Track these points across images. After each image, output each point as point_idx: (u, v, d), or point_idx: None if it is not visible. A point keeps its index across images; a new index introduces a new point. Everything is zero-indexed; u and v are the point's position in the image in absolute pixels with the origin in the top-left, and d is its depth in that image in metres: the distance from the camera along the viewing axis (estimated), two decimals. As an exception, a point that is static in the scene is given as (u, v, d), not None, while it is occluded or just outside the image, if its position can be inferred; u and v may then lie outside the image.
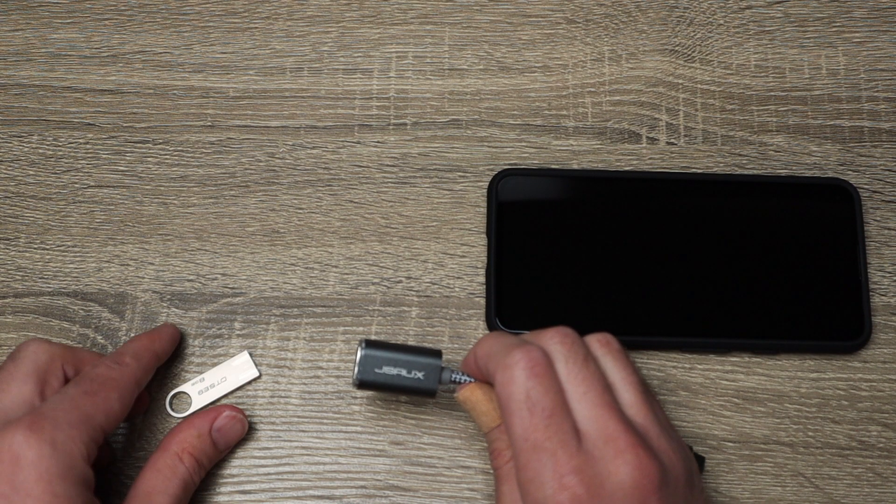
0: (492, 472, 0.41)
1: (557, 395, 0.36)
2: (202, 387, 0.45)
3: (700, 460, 0.42)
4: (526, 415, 0.36)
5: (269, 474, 0.44)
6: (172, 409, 0.45)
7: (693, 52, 0.51)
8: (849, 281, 0.46)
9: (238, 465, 0.44)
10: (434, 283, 0.47)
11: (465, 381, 0.40)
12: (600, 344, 0.39)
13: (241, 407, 0.44)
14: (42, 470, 0.36)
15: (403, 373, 0.41)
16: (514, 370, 0.37)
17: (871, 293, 0.47)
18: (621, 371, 0.38)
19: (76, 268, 0.47)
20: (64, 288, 0.47)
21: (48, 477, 0.35)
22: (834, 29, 0.52)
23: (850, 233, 0.47)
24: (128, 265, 0.47)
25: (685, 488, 0.36)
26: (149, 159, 0.49)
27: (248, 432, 0.44)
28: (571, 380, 0.37)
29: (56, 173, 0.49)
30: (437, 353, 0.41)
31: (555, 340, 0.38)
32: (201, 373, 0.45)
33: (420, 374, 0.41)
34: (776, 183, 0.48)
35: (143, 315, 0.46)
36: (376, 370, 0.40)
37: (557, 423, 0.36)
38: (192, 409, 0.45)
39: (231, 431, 0.43)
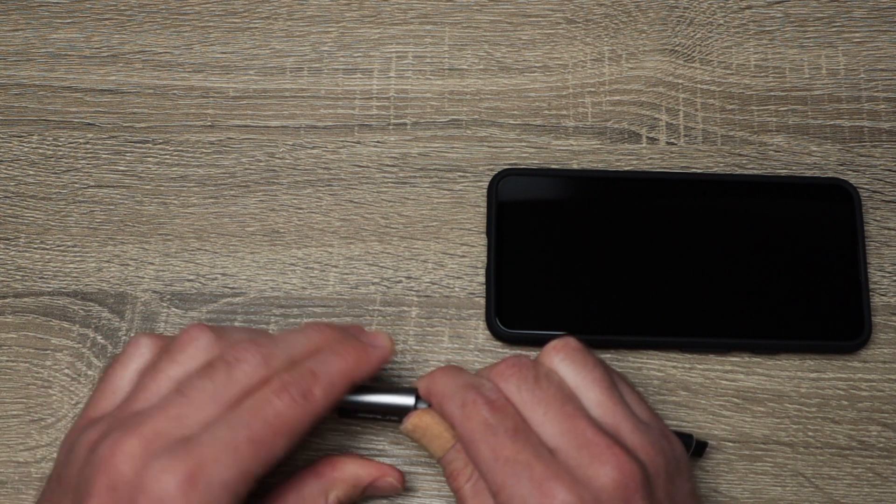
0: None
1: (517, 417, 0.36)
2: None
3: (702, 445, 0.42)
4: (490, 437, 0.35)
5: (269, 474, 0.44)
6: None
7: (693, 52, 0.51)
8: (849, 281, 0.46)
9: (238, 465, 0.44)
10: (434, 283, 0.47)
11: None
12: (556, 351, 0.38)
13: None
14: None
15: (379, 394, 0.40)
16: (472, 408, 0.36)
17: (871, 293, 0.47)
18: (581, 371, 0.37)
19: (76, 268, 0.47)
20: (64, 288, 0.47)
21: None
22: (834, 29, 0.52)
23: (850, 233, 0.47)
24: (128, 265, 0.47)
25: (666, 481, 0.35)
26: (149, 159, 0.49)
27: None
28: (528, 405, 0.36)
29: (56, 173, 0.49)
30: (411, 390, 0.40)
31: (504, 375, 0.37)
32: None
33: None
34: (776, 183, 0.48)
35: (143, 315, 0.46)
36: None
37: (524, 437, 0.35)
38: None
39: (384, 490, 0.40)
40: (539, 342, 0.45)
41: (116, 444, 0.33)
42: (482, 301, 0.47)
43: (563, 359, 0.38)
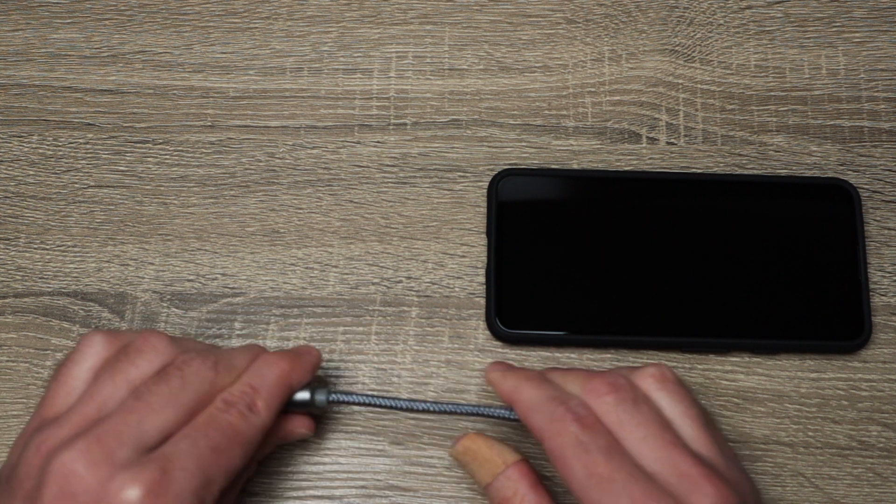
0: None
1: (610, 436, 0.36)
2: None
3: None
4: (583, 454, 0.35)
5: (269, 474, 0.44)
6: None
7: (693, 52, 0.51)
8: (849, 281, 0.46)
9: (238, 465, 0.44)
10: (434, 283, 0.47)
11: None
12: (654, 379, 0.38)
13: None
14: None
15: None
16: (562, 424, 0.36)
17: (871, 293, 0.47)
18: (679, 405, 0.37)
19: (76, 268, 0.47)
20: (64, 288, 0.47)
21: None
22: (834, 29, 0.52)
23: (850, 233, 0.47)
24: (128, 265, 0.47)
25: None
26: (149, 159, 0.49)
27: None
28: (626, 426, 0.36)
29: (56, 173, 0.49)
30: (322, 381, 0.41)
31: (599, 393, 0.37)
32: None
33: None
34: (776, 183, 0.48)
35: (143, 315, 0.46)
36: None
37: (618, 457, 0.35)
38: None
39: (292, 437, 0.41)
40: (539, 342, 0.46)
41: (78, 451, 0.33)
42: (482, 301, 0.47)
43: (660, 388, 0.38)
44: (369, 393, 0.44)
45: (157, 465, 0.33)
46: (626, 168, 0.49)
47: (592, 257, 0.46)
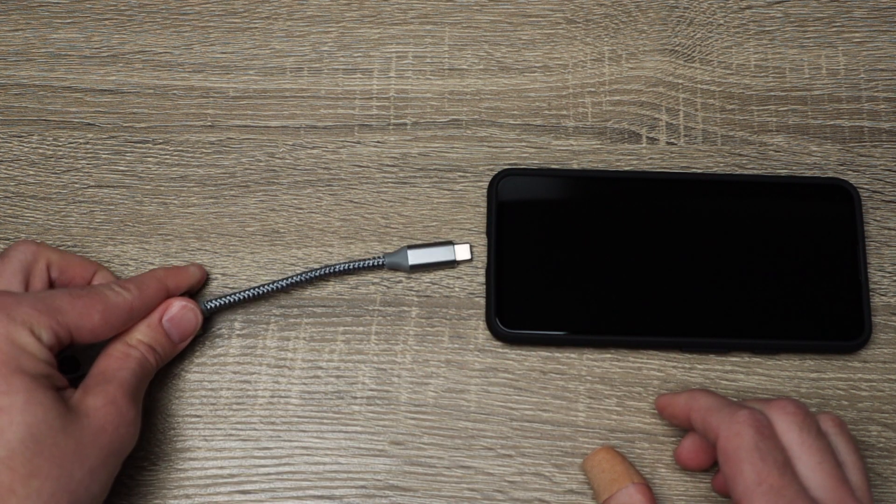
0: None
1: (786, 454, 0.37)
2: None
3: None
4: (758, 461, 0.36)
5: (269, 474, 0.44)
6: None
7: (693, 52, 0.51)
8: (849, 281, 0.46)
9: (238, 465, 0.44)
10: (434, 283, 0.47)
11: None
12: (833, 423, 0.39)
13: (238, 403, 0.45)
14: None
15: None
16: (740, 425, 0.37)
17: (871, 293, 0.47)
18: (851, 454, 0.38)
19: (76, 268, 0.47)
20: (64, 288, 0.47)
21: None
22: (834, 29, 0.52)
23: (850, 233, 0.47)
24: (128, 265, 0.47)
25: None
26: (149, 159, 0.49)
27: (247, 432, 0.44)
28: (806, 449, 0.37)
29: (56, 173, 0.49)
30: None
31: (787, 410, 0.38)
32: (200, 373, 0.45)
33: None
34: (776, 183, 0.48)
35: (143, 315, 0.46)
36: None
37: (791, 474, 0.36)
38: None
39: (184, 321, 0.43)
40: (539, 342, 0.46)
41: None
42: (482, 301, 0.47)
43: (838, 433, 0.39)
44: (241, 289, 0.46)
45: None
46: (626, 168, 0.49)
47: (592, 257, 0.46)
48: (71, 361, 0.43)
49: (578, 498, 0.44)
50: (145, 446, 0.44)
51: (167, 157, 0.49)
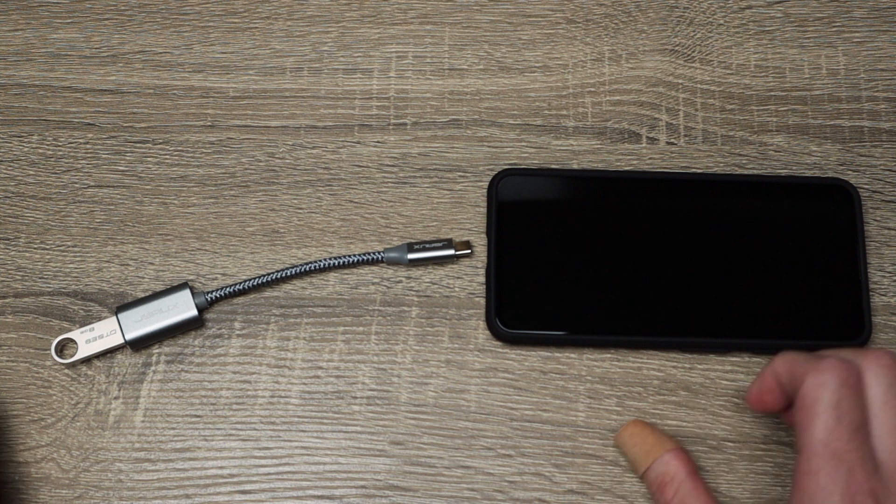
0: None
1: (864, 414, 0.36)
2: (90, 336, 0.45)
3: None
4: (832, 421, 0.35)
5: (269, 474, 0.44)
6: (59, 357, 0.45)
7: (693, 52, 0.51)
8: (849, 281, 0.46)
9: (238, 465, 0.44)
10: (434, 283, 0.47)
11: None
12: None
13: (238, 403, 0.45)
14: None
15: (161, 315, 0.44)
16: (827, 375, 0.36)
17: (871, 293, 0.47)
18: None
19: (76, 268, 0.47)
20: (64, 288, 0.47)
21: None
22: (834, 29, 0.52)
23: (850, 233, 0.47)
24: (128, 265, 0.47)
25: None
26: (149, 159, 0.49)
27: (247, 432, 0.44)
28: (888, 409, 0.36)
29: (56, 173, 0.49)
30: (183, 285, 0.45)
31: (881, 362, 0.37)
32: (200, 373, 0.45)
33: (175, 306, 0.45)
34: (776, 183, 0.48)
35: (143, 315, 0.46)
36: (138, 324, 0.44)
37: (861, 440, 0.35)
38: (77, 357, 0.45)
39: None
40: (539, 342, 0.46)
41: None
42: (482, 301, 0.47)
43: None
44: (238, 281, 0.47)
45: None
46: (626, 168, 0.49)
47: (592, 257, 0.46)
48: None
49: (578, 498, 0.44)
50: (145, 446, 0.44)
51: (167, 157, 0.49)
